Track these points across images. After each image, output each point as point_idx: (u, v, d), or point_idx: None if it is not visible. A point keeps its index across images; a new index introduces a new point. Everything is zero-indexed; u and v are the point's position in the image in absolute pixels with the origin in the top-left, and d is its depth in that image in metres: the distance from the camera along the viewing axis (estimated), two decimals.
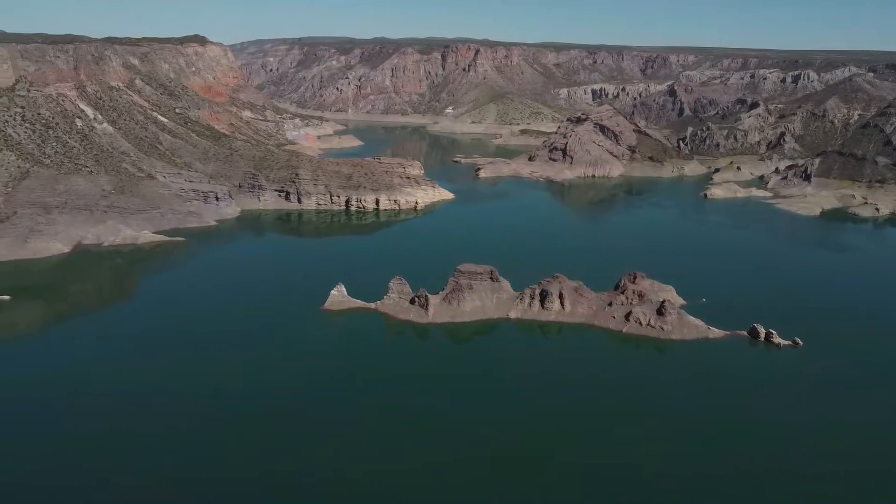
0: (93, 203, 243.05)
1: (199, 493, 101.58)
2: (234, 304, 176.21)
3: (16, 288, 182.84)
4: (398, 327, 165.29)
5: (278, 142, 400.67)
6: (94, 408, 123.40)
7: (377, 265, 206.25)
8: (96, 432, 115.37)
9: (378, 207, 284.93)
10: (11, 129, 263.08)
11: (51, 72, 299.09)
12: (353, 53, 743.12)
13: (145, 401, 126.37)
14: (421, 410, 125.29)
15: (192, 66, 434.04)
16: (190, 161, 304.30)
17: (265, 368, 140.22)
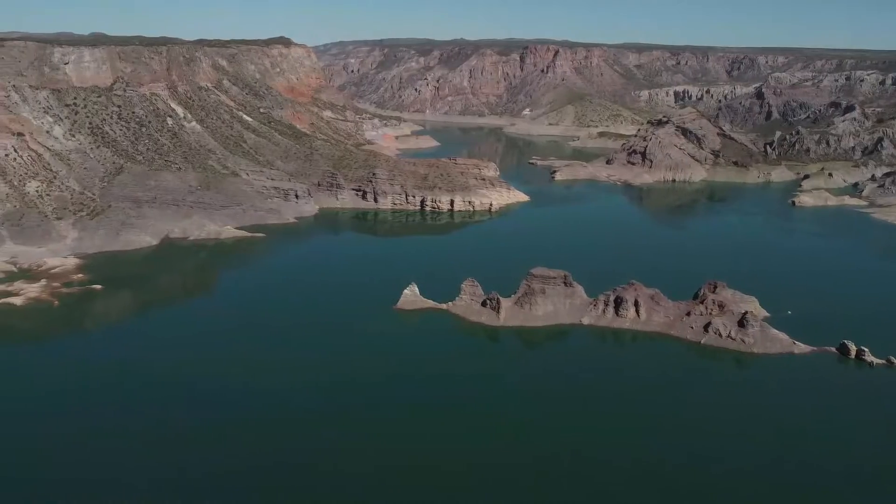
0: (180, 198, 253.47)
1: (264, 483, 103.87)
2: (309, 300, 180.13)
3: (107, 278, 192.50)
4: (469, 329, 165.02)
5: (357, 141, 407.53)
6: (172, 396, 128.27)
7: (450, 266, 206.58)
8: (172, 421, 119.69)
9: (452, 208, 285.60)
10: (108, 126, 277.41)
11: (145, 72, 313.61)
12: (433, 55, 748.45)
13: (219, 391, 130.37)
14: (490, 412, 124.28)
15: (277, 67, 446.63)
16: (272, 159, 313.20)
17: (338, 364, 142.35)
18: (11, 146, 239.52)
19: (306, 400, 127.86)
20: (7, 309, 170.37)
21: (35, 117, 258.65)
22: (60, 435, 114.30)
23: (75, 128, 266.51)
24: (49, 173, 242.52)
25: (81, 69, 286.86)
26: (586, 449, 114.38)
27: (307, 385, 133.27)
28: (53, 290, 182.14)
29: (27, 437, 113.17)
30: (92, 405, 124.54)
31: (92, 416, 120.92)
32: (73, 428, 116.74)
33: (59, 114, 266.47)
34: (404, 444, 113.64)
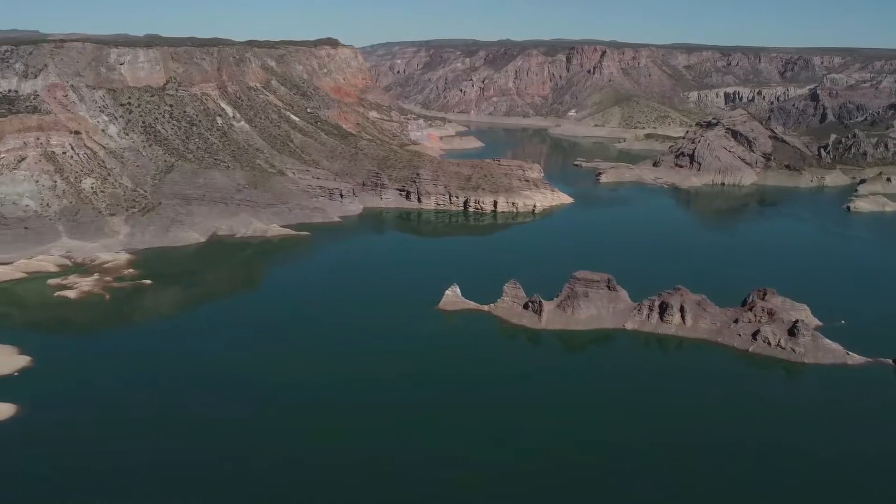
0: (228, 196, 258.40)
1: (300, 474, 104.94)
2: (352, 298, 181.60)
3: (157, 273, 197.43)
4: (510, 331, 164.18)
5: (402, 142, 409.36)
6: (216, 388, 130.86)
7: (492, 267, 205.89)
8: (215, 411, 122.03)
9: (496, 209, 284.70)
10: (160, 125, 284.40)
11: (197, 73, 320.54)
12: (478, 55, 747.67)
13: (261, 384, 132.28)
14: (527, 415, 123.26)
15: (324, 68, 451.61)
16: (318, 159, 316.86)
17: (379, 362, 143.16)
18: (69, 144, 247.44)
19: (345, 395, 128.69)
20: (62, 301, 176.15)
21: (91, 116, 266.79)
22: (109, 422, 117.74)
23: (129, 126, 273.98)
24: (103, 170, 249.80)
25: (136, 69, 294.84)
26: (627, 459, 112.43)
27: (347, 381, 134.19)
28: (105, 284, 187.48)
29: (79, 425, 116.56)
30: (139, 395, 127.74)
31: (139, 405, 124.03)
32: (120, 415, 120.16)
33: (114, 113, 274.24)
34: (441, 443, 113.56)
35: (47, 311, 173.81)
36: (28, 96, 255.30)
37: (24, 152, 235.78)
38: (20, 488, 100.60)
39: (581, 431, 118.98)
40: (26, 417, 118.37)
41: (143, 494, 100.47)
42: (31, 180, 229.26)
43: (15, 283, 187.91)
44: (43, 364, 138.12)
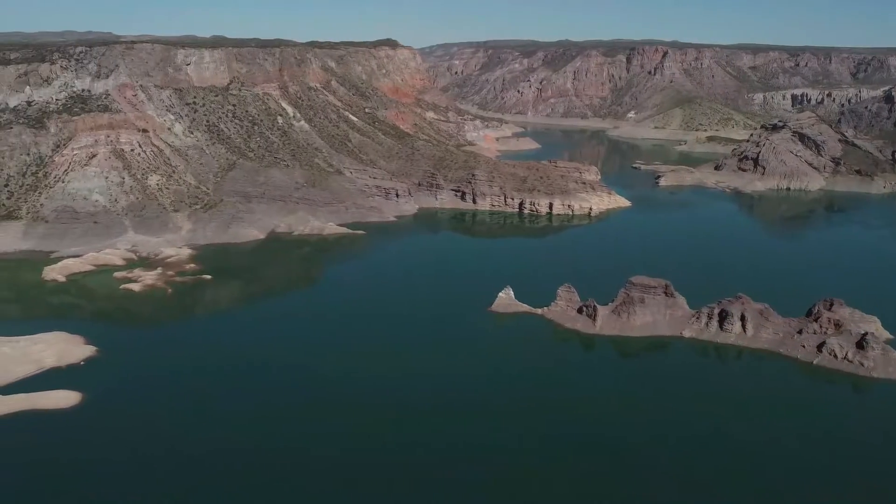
0: (287, 194, 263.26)
1: (348, 469, 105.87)
2: (406, 298, 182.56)
3: (217, 269, 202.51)
4: (564, 335, 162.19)
5: (458, 142, 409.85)
6: (271, 379, 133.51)
7: (546, 270, 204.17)
8: (270, 401, 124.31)
9: (551, 212, 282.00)
10: (224, 124, 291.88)
11: (259, 73, 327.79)
12: (536, 56, 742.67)
13: (315, 378, 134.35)
14: (581, 421, 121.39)
15: (383, 69, 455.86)
16: (375, 158, 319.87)
17: (429, 361, 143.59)
18: (137, 142, 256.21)
19: (394, 392, 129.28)
20: (127, 294, 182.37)
21: (158, 115, 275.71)
22: (167, 410, 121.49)
23: (194, 125, 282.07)
24: (169, 168, 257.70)
25: (201, 69, 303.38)
26: (684, 473, 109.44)
27: (397, 378, 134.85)
28: (168, 278, 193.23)
29: (138, 412, 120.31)
30: (197, 385, 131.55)
31: (196, 394, 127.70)
32: (178, 404, 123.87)
33: (180, 112, 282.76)
34: (488, 445, 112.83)
35: (113, 302, 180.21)
36: (100, 96, 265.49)
37: (95, 149, 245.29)
38: (81, 471, 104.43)
39: (634, 440, 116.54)
40: (89, 405, 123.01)
41: (197, 479, 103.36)
42: (101, 176, 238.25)
43: (84, 275, 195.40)
44: (107, 354, 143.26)
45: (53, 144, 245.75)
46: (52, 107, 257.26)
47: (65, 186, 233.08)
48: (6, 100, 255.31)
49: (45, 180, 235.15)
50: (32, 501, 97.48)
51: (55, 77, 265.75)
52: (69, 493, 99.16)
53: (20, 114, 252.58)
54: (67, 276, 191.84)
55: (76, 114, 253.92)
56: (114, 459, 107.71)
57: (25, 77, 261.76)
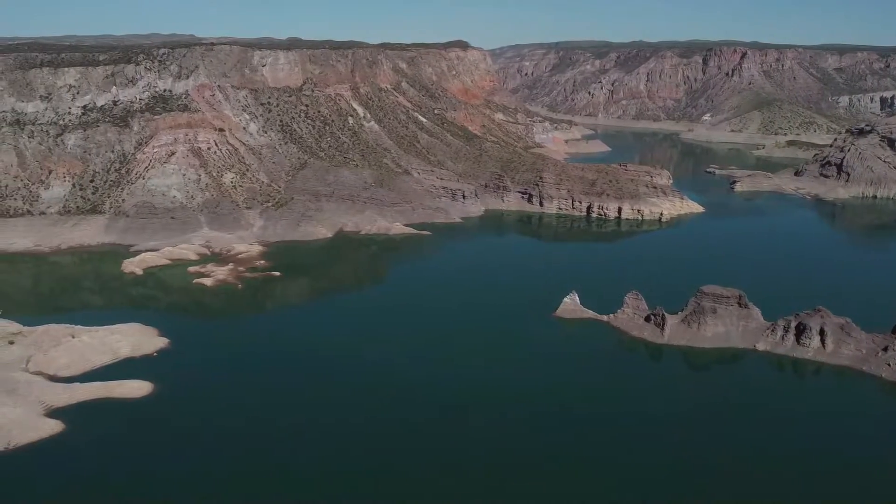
0: (355, 194, 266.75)
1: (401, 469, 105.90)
2: (470, 299, 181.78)
3: (286, 265, 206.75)
4: (630, 344, 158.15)
5: (526, 144, 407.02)
6: (334, 372, 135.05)
7: (613, 276, 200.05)
8: (331, 391, 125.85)
9: (620, 216, 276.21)
10: (296, 124, 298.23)
11: (332, 74, 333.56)
12: (609, 57, 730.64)
13: (376, 377, 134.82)
14: (648, 435, 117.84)
15: (453, 70, 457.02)
16: (442, 159, 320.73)
17: (491, 364, 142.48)
18: (213, 140, 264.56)
19: (454, 394, 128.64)
20: (199, 288, 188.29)
21: (234, 114, 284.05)
22: (232, 401, 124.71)
23: (268, 125, 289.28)
24: (243, 166, 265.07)
25: (276, 70, 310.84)
26: None
27: (458, 380, 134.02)
28: (238, 274, 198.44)
29: (205, 403, 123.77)
30: (262, 378, 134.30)
31: (261, 386, 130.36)
32: (244, 397, 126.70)
33: (255, 112, 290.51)
34: (547, 457, 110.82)
35: (186, 296, 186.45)
36: (180, 95, 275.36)
37: (174, 148, 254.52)
38: (151, 458, 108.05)
39: (708, 461, 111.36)
40: (160, 395, 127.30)
41: (261, 465, 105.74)
42: (178, 174, 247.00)
43: (160, 268, 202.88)
44: (178, 346, 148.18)
45: (136, 142, 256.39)
46: (136, 106, 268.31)
47: (145, 183, 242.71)
48: (94, 99, 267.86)
49: (127, 177, 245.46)
50: (107, 485, 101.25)
51: (139, 77, 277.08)
52: (140, 477, 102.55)
53: (107, 113, 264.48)
54: (144, 270, 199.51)
55: (158, 113, 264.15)
56: (176, 445, 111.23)
57: (112, 78, 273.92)
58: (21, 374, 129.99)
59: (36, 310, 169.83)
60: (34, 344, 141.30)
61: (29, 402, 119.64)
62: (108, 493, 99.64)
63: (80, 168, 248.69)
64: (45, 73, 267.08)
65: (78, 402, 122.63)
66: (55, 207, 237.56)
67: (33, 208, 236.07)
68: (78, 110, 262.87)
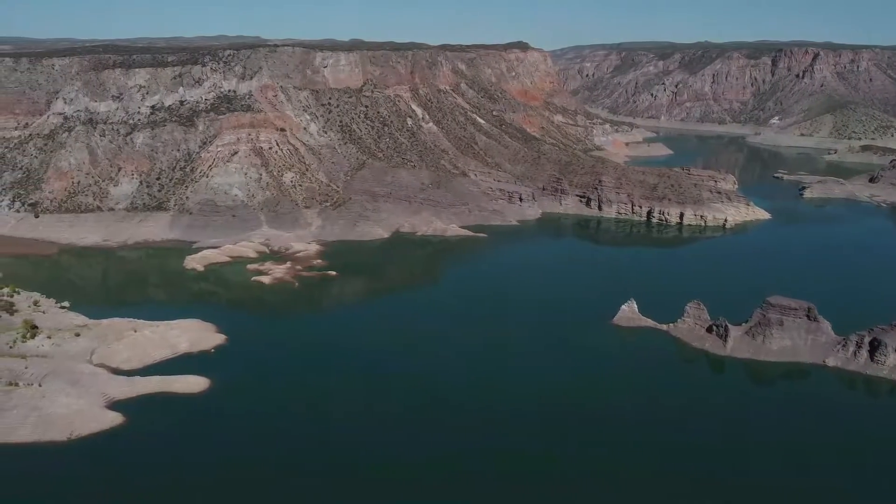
0: (412, 195, 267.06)
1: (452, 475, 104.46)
2: (525, 303, 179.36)
3: (343, 265, 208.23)
4: (690, 355, 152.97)
5: (585, 147, 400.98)
6: (387, 376, 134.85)
7: (673, 284, 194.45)
8: (382, 396, 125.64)
9: (682, 222, 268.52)
10: (356, 125, 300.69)
11: (391, 75, 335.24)
12: (672, 58, 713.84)
13: (428, 378, 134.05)
14: (711, 454, 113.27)
15: (513, 71, 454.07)
16: (500, 161, 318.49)
17: (545, 371, 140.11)
18: (275, 140, 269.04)
19: (505, 400, 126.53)
20: (258, 286, 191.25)
21: (296, 114, 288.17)
22: (286, 397, 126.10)
23: (328, 125, 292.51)
24: (302, 166, 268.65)
25: (337, 72, 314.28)
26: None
27: (511, 385, 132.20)
28: (296, 272, 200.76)
29: (259, 399, 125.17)
30: (318, 377, 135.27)
31: (314, 384, 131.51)
32: (297, 392, 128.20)
33: (316, 112, 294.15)
34: (599, 471, 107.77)
35: (244, 293, 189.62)
36: (244, 96, 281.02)
37: (237, 147, 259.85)
38: (206, 453, 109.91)
39: (772, 484, 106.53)
40: (216, 391, 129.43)
41: (315, 463, 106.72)
42: (240, 172, 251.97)
43: (221, 265, 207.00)
44: (235, 343, 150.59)
45: (200, 141, 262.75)
46: (202, 106, 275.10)
47: (208, 181, 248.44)
48: (162, 99, 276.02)
49: (191, 175, 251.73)
50: (163, 478, 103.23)
51: (205, 78, 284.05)
52: (195, 471, 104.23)
53: (173, 112, 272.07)
54: (206, 266, 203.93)
55: (222, 113, 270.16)
56: (236, 443, 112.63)
57: (180, 78, 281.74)
58: (85, 366, 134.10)
59: (102, 302, 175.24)
60: (99, 337, 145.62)
61: (91, 393, 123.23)
62: (164, 485, 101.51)
63: (147, 166, 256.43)
64: (117, 74, 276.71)
65: (138, 395, 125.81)
66: (123, 204, 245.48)
67: (103, 204, 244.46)
68: (147, 110, 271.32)
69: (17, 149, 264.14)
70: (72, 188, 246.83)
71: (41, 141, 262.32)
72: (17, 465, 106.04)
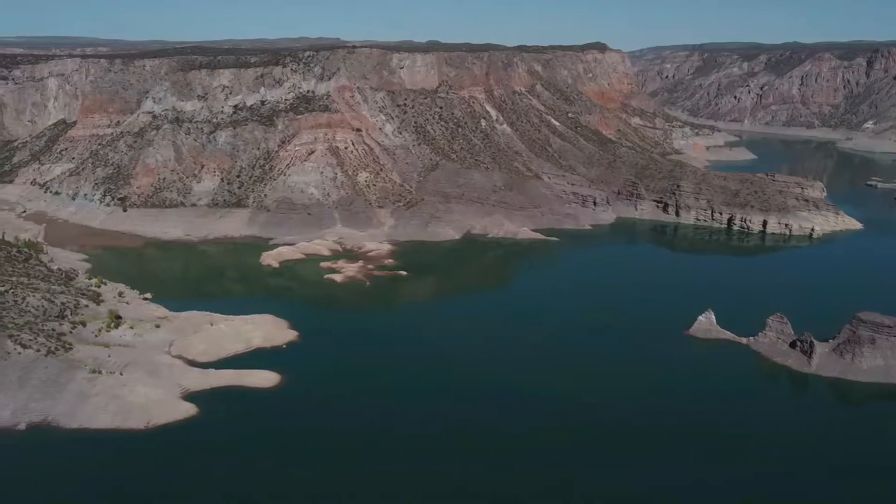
0: (484, 197, 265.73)
1: None
2: (596, 310, 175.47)
3: (413, 265, 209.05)
4: (771, 371, 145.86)
5: (664, 150, 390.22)
6: (451, 377, 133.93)
7: (754, 296, 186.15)
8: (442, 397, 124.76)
9: (765, 230, 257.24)
10: (430, 126, 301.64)
11: (466, 77, 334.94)
12: (758, 60, 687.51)
13: (491, 382, 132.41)
14: (792, 480, 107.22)
15: (590, 73, 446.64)
16: (574, 164, 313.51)
17: (616, 380, 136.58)
18: (350, 140, 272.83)
19: (573, 408, 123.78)
20: (330, 283, 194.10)
21: (371, 115, 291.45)
22: (355, 393, 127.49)
23: (403, 126, 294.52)
24: (377, 166, 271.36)
25: (413, 73, 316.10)
26: None
27: (579, 393, 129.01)
28: (368, 271, 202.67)
29: (328, 394, 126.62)
30: (386, 376, 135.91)
31: (385, 385, 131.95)
32: (366, 387, 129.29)
33: (391, 113, 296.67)
34: (670, 490, 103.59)
35: (317, 290, 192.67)
36: (322, 96, 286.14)
37: (314, 146, 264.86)
38: (274, 444, 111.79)
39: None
40: (287, 386, 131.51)
41: (382, 464, 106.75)
42: (316, 171, 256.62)
43: (295, 262, 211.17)
44: (307, 339, 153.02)
45: (279, 140, 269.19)
46: (281, 106, 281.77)
47: (286, 179, 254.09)
48: (244, 99, 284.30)
49: (269, 173, 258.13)
50: (234, 470, 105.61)
51: (286, 79, 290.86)
52: (264, 465, 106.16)
53: (254, 112, 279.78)
54: (281, 263, 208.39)
55: (300, 113, 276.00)
56: (304, 439, 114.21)
57: (261, 79, 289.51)
58: (164, 357, 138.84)
59: (181, 295, 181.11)
60: (177, 329, 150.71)
61: (168, 384, 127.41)
62: (235, 477, 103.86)
63: (228, 164, 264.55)
64: (202, 75, 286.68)
65: (211, 387, 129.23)
66: (205, 200, 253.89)
67: (186, 200, 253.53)
68: (229, 109, 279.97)
69: (109, 146, 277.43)
70: (157, 184, 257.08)
71: (131, 138, 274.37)
72: (98, 449, 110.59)
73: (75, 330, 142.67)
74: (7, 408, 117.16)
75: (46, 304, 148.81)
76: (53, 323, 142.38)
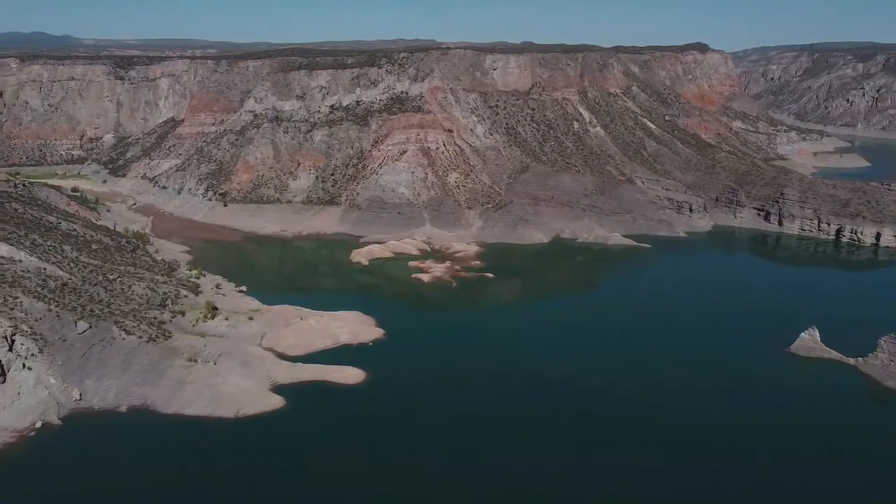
0: (574, 200, 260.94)
1: None
2: (690, 322, 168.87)
3: (500, 267, 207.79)
4: (882, 395, 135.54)
5: (767, 156, 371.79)
6: (536, 382, 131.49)
7: (864, 313, 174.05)
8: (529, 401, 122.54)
9: (878, 243, 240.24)
10: (521, 127, 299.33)
11: (560, 78, 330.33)
12: (875, 60, 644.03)
13: (580, 390, 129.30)
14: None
15: (689, 74, 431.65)
16: (670, 169, 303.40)
17: (713, 396, 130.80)
18: (442, 141, 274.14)
19: (659, 420, 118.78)
20: (417, 283, 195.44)
21: (463, 116, 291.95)
22: (437, 392, 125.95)
23: (494, 127, 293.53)
24: (467, 167, 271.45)
25: (506, 74, 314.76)
26: None
27: (667, 405, 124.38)
28: (454, 272, 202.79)
29: (411, 392, 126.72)
30: (471, 377, 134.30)
31: (468, 386, 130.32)
32: (454, 394, 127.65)
33: (483, 114, 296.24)
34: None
35: (404, 289, 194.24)
36: (415, 97, 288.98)
37: (405, 146, 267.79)
38: (357, 440, 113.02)
39: None
40: (372, 384, 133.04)
41: (465, 465, 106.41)
42: (407, 171, 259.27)
43: (385, 260, 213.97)
44: (393, 338, 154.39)
45: (372, 140, 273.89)
46: (375, 106, 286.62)
47: (378, 178, 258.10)
48: (341, 99, 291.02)
49: (362, 172, 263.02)
50: (320, 461, 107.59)
51: (380, 80, 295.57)
52: (348, 457, 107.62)
53: (350, 112, 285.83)
54: (370, 261, 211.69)
55: (394, 113, 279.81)
56: (387, 437, 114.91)
57: (357, 80, 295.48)
58: (255, 349, 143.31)
59: (274, 289, 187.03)
60: (269, 322, 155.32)
61: (258, 376, 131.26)
62: (319, 470, 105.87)
63: (323, 162, 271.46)
64: (301, 76, 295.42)
65: (299, 381, 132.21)
66: (300, 197, 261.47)
67: (282, 197, 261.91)
68: (326, 109, 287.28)
69: (212, 143, 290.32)
70: (256, 180, 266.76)
71: (233, 136, 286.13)
72: (191, 435, 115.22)
73: (175, 319, 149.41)
74: (111, 390, 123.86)
75: (150, 293, 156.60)
76: (155, 311, 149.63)
